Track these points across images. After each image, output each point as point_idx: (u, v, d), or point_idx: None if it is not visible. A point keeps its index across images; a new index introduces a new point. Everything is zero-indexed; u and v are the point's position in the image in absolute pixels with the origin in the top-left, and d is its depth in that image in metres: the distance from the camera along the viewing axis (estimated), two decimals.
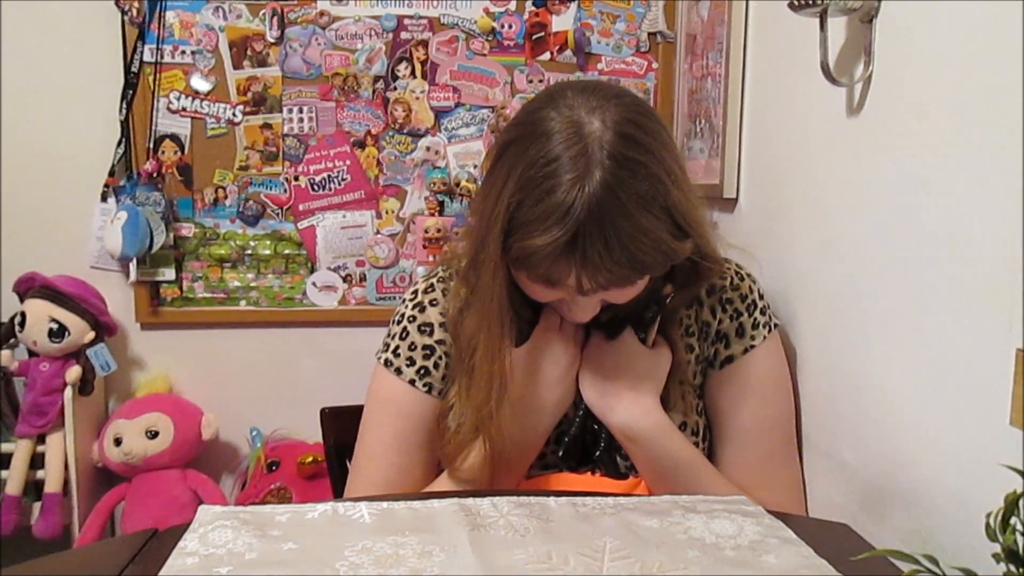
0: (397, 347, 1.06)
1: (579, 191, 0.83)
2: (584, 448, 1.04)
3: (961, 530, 0.77)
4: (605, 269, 0.85)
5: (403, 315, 1.08)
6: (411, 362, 1.05)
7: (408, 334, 1.06)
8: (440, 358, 1.06)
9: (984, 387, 0.74)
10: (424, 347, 1.06)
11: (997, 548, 0.54)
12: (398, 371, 1.05)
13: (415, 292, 1.09)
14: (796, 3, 0.96)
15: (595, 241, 0.83)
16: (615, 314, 1.00)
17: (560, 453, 1.03)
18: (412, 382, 1.05)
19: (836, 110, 1.03)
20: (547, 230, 0.83)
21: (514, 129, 0.92)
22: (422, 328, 1.06)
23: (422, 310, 1.07)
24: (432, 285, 1.09)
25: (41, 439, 1.76)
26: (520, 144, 0.88)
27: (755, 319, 1.05)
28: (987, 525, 0.54)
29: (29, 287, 1.78)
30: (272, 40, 1.85)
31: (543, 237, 0.84)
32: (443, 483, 1.03)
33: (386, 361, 1.07)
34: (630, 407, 0.98)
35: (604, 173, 0.83)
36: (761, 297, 1.07)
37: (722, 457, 1.06)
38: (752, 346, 1.04)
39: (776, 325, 1.07)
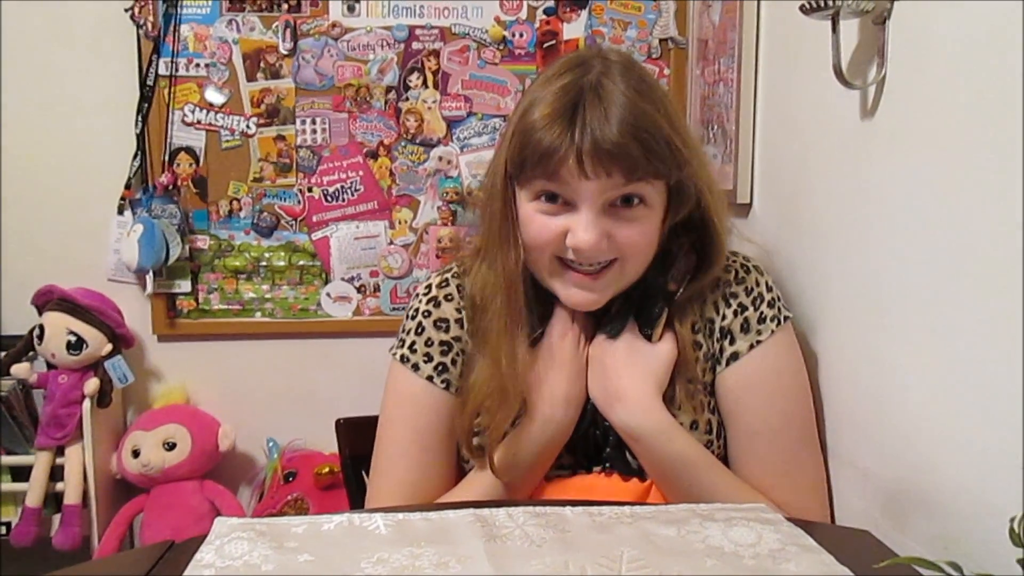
0: (413, 343, 1.05)
1: (579, 82, 0.91)
2: (596, 446, 1.03)
3: (985, 536, 0.76)
4: (607, 139, 0.87)
5: (417, 310, 1.07)
6: (428, 358, 1.04)
7: (424, 329, 1.05)
8: (457, 355, 1.05)
9: (1007, 391, 0.73)
10: (441, 343, 1.05)
11: (1021, 553, 0.53)
12: (415, 367, 1.04)
13: (429, 287, 1.08)
14: (808, 6, 0.96)
15: (595, 109, 0.88)
16: (620, 310, 1.00)
17: (571, 449, 1.02)
18: (430, 378, 1.04)
19: (850, 113, 1.02)
20: (547, 105, 0.90)
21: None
22: (438, 324, 1.05)
23: (437, 305, 1.06)
24: (447, 280, 1.08)
25: (60, 451, 1.77)
26: (523, 97, 0.98)
27: (761, 313, 1.02)
28: (1011, 530, 0.53)
29: (47, 300, 1.80)
30: (285, 52, 1.86)
31: (542, 110, 0.90)
32: (466, 489, 1.03)
33: (402, 357, 1.05)
34: (630, 406, 0.98)
35: (607, 70, 0.92)
36: (770, 289, 1.04)
37: (735, 457, 1.03)
38: (759, 341, 1.01)
39: (787, 317, 1.04)
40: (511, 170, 0.95)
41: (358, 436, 1.25)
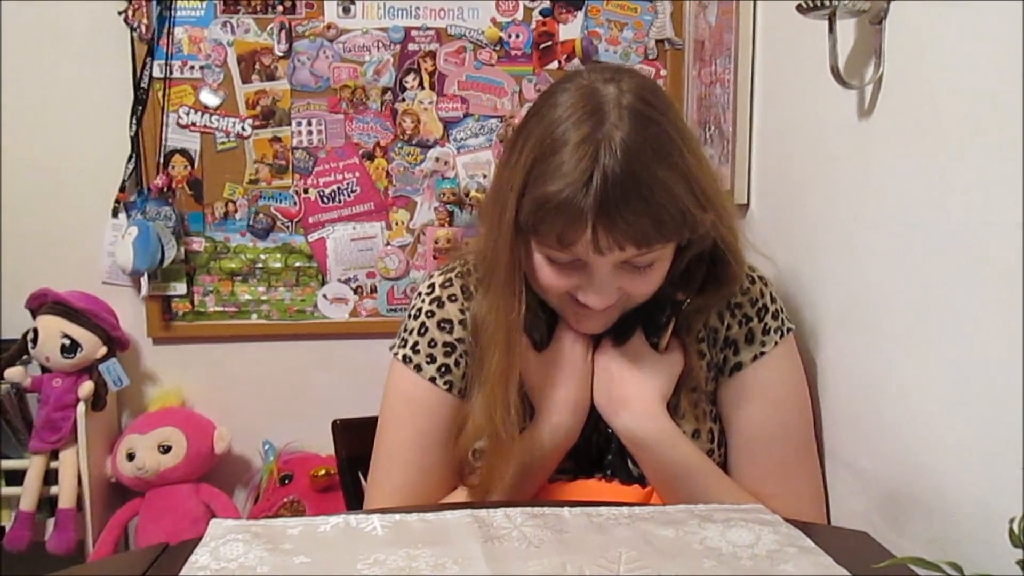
0: (416, 343, 1.04)
1: (595, 139, 0.85)
2: (599, 452, 1.03)
3: (984, 537, 0.76)
4: (622, 220, 0.84)
5: (420, 309, 1.05)
6: (431, 359, 1.03)
7: (427, 330, 1.04)
8: (461, 356, 1.03)
9: (1006, 392, 0.73)
10: (444, 344, 1.03)
11: (1021, 554, 0.53)
12: (418, 368, 1.03)
13: (432, 286, 1.06)
14: (804, 6, 0.96)
15: (610, 186, 0.84)
16: (627, 318, 0.99)
17: (573, 455, 1.01)
18: (432, 379, 1.02)
19: (847, 113, 1.02)
20: (563, 176, 0.85)
21: (530, 109, 0.94)
22: (441, 324, 1.04)
23: (440, 305, 1.05)
24: (450, 280, 1.06)
25: (55, 455, 1.77)
26: (536, 118, 0.91)
27: (766, 324, 1.02)
28: (1011, 531, 0.53)
29: (42, 303, 1.79)
30: (280, 54, 1.86)
31: (558, 183, 0.85)
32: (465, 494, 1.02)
33: (405, 357, 1.04)
34: (634, 412, 0.97)
35: (621, 124, 0.85)
36: (774, 301, 1.04)
37: (735, 466, 1.03)
38: (762, 352, 1.01)
39: (790, 329, 1.04)
40: (523, 225, 0.91)
41: (355, 438, 1.24)
